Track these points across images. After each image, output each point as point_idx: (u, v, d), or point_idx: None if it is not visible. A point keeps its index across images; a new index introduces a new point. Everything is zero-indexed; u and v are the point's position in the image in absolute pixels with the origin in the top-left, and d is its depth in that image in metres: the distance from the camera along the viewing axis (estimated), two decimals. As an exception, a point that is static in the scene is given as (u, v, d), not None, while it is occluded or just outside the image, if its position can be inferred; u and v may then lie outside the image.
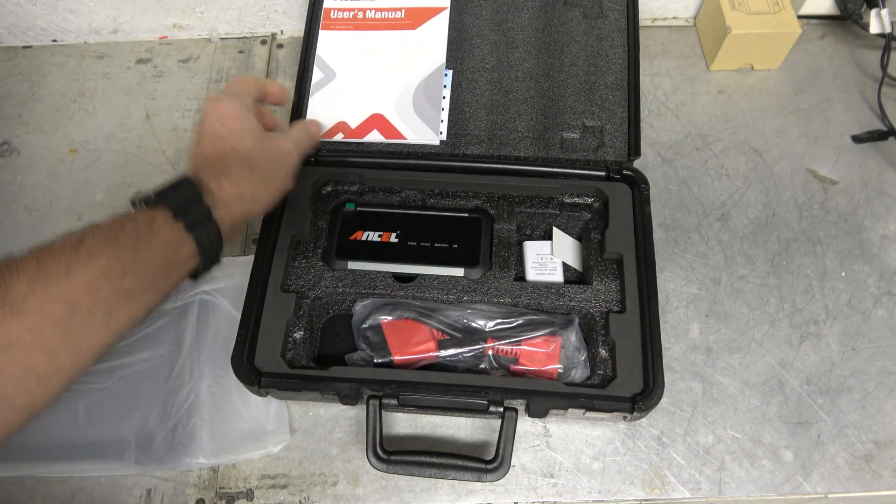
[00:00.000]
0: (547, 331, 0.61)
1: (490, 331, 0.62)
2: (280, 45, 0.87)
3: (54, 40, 0.88)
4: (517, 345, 0.61)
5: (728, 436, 0.62)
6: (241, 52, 0.86)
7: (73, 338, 0.42)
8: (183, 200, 0.49)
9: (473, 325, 0.62)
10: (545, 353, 0.61)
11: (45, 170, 0.78)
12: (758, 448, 0.62)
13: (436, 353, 0.61)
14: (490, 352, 0.61)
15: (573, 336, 0.61)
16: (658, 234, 0.71)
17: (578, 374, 0.60)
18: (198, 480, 0.61)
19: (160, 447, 0.60)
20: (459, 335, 0.61)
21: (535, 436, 0.62)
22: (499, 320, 0.62)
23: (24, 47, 0.88)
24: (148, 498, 0.61)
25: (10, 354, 0.39)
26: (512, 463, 0.58)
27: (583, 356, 0.61)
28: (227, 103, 0.57)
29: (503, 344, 0.61)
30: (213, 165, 0.53)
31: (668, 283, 0.69)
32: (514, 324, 0.62)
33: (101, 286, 0.43)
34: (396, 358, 0.61)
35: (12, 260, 0.41)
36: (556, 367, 0.60)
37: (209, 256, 0.51)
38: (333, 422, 0.63)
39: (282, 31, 0.88)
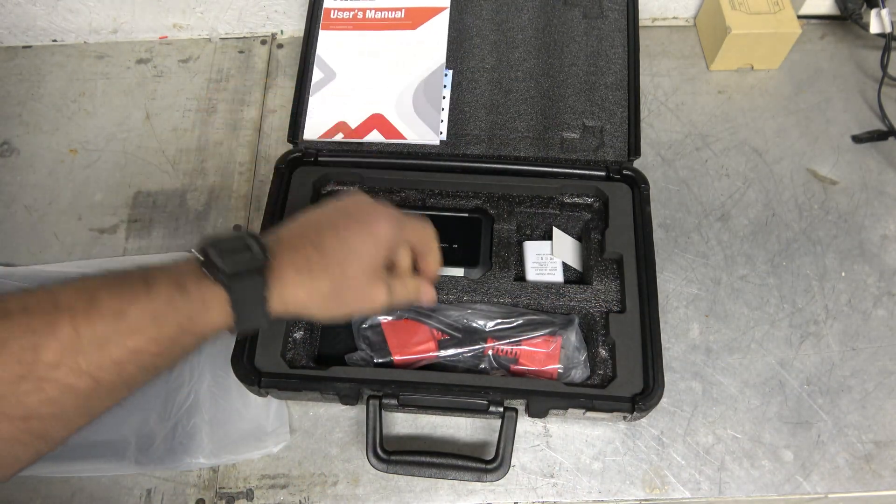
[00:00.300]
0: (547, 331, 0.61)
1: (490, 331, 0.62)
2: (280, 45, 0.87)
3: (54, 40, 0.88)
4: (517, 345, 0.61)
5: (728, 436, 0.62)
6: (241, 52, 0.86)
7: (90, 408, 0.40)
8: (249, 297, 0.43)
9: (473, 325, 0.62)
10: (545, 352, 0.61)
11: (45, 170, 0.78)
12: (758, 448, 0.62)
13: (436, 353, 0.61)
14: (490, 352, 0.61)
15: (573, 336, 0.61)
16: (658, 234, 0.71)
17: (578, 374, 0.60)
18: (198, 480, 0.61)
19: (160, 447, 0.60)
20: (459, 335, 0.61)
21: (535, 436, 0.62)
22: (499, 320, 0.62)
23: (24, 47, 0.88)
24: (148, 498, 0.61)
25: (26, 425, 0.37)
26: (512, 463, 0.58)
27: (583, 356, 0.61)
28: (383, 213, 0.49)
29: (503, 344, 0.61)
30: (307, 254, 0.46)
31: (668, 283, 0.69)
32: (514, 324, 0.61)
33: (131, 365, 0.40)
34: (396, 358, 0.61)
35: (49, 311, 0.37)
36: (556, 367, 0.60)
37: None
38: (333, 422, 0.63)
39: (282, 31, 0.88)
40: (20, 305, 0.37)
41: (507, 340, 0.61)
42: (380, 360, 0.61)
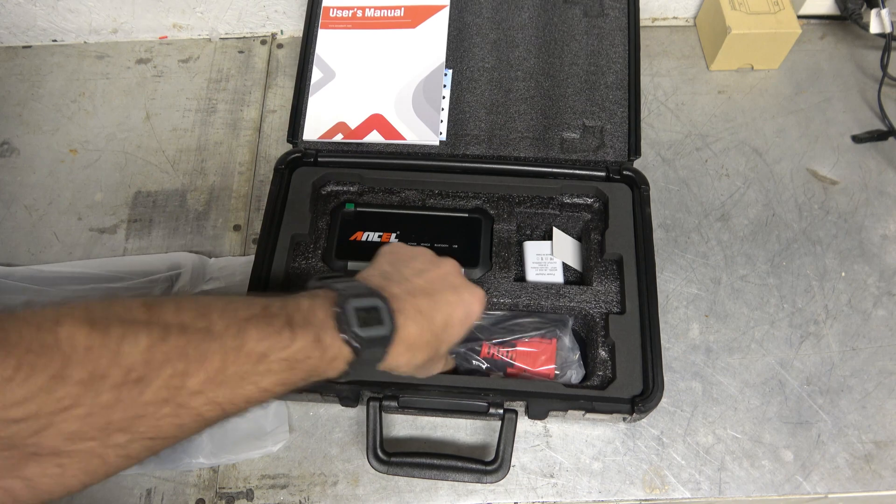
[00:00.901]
0: (542, 332, 0.61)
1: (486, 332, 0.62)
2: (280, 45, 0.87)
3: (54, 40, 0.88)
4: (513, 346, 0.61)
5: (728, 436, 0.62)
6: (241, 52, 0.86)
7: (200, 432, 0.41)
8: (367, 360, 0.45)
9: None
10: (541, 353, 0.61)
11: (45, 170, 0.78)
12: (758, 448, 0.62)
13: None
14: (486, 353, 0.61)
15: (567, 337, 0.61)
16: (658, 235, 0.71)
17: (574, 374, 0.60)
18: (198, 480, 0.61)
19: (160, 447, 0.60)
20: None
21: (535, 436, 0.62)
22: (495, 322, 0.62)
23: (24, 47, 0.88)
24: (148, 498, 0.61)
25: (152, 444, 0.38)
26: (512, 463, 0.58)
27: (576, 356, 0.61)
28: (476, 293, 0.51)
29: (500, 345, 0.61)
30: (420, 327, 0.47)
31: (668, 283, 0.69)
32: (510, 325, 0.62)
33: (254, 400, 0.41)
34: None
35: (202, 336, 0.38)
36: (551, 367, 0.60)
37: None
38: (333, 422, 0.63)
39: (282, 31, 0.88)
40: (177, 320, 0.37)
41: (504, 342, 0.61)
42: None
